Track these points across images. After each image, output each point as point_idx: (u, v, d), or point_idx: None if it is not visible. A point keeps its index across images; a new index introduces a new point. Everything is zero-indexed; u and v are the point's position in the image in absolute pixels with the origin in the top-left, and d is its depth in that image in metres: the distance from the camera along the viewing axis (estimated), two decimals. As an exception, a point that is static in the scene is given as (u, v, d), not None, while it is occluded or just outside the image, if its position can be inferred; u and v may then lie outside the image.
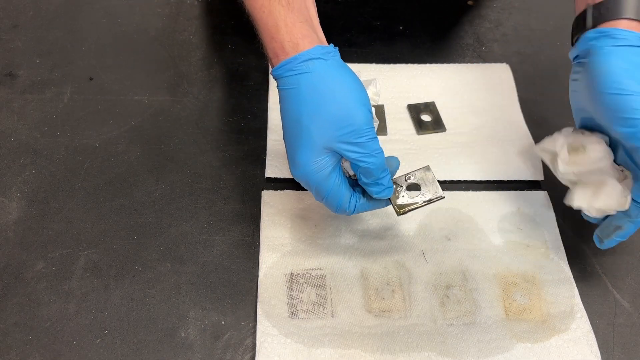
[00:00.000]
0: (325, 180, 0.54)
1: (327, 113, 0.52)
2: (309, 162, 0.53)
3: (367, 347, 0.55)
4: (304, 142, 0.52)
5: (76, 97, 0.75)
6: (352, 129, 0.52)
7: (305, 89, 0.52)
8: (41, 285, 0.59)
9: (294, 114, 0.53)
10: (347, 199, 0.55)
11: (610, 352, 0.57)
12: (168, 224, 0.64)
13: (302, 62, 0.52)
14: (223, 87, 0.77)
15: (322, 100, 0.52)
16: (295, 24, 0.53)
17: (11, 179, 0.67)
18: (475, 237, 0.64)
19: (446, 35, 0.86)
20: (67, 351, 0.55)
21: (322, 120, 0.52)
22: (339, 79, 0.53)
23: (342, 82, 0.53)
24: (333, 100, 0.52)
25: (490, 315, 0.58)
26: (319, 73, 0.52)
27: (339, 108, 0.52)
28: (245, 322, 0.57)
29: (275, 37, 0.54)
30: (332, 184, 0.54)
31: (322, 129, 0.52)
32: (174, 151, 0.70)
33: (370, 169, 0.53)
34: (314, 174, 0.53)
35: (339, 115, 0.52)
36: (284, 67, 0.53)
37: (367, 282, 0.60)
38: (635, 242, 0.64)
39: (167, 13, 0.87)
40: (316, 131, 0.52)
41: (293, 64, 0.52)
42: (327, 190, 0.54)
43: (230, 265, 0.61)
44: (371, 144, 0.53)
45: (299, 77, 0.52)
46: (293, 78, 0.53)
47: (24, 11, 0.86)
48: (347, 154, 0.53)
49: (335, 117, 0.52)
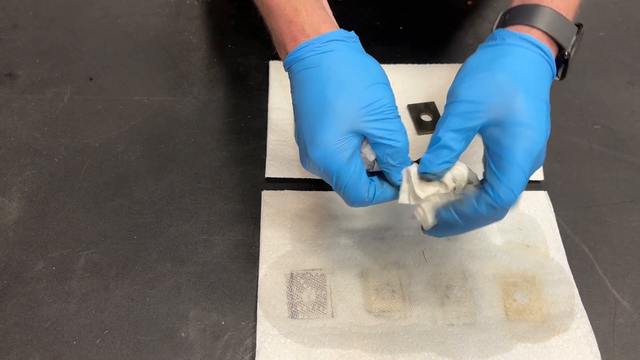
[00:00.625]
0: (347, 165, 0.51)
1: (352, 90, 0.51)
2: (332, 141, 0.51)
3: (367, 347, 0.55)
4: (328, 119, 0.51)
5: (76, 97, 0.75)
6: (379, 105, 0.51)
7: (328, 67, 0.52)
8: (41, 285, 0.59)
9: (317, 93, 0.52)
10: (367, 186, 0.53)
11: (610, 352, 0.57)
12: (168, 224, 0.64)
13: (325, 42, 0.52)
14: (223, 87, 0.77)
15: (347, 77, 0.52)
16: (315, 10, 0.54)
17: (11, 179, 0.67)
18: (475, 237, 0.64)
19: (446, 35, 0.86)
20: (67, 351, 0.55)
21: (348, 97, 0.51)
22: (362, 59, 0.54)
23: (366, 63, 0.53)
24: (358, 78, 0.52)
25: (490, 316, 0.58)
26: (342, 53, 0.53)
27: (365, 85, 0.52)
28: (245, 322, 0.57)
29: (295, 21, 0.54)
30: (353, 169, 0.52)
31: (348, 105, 0.51)
32: (174, 151, 0.70)
33: (399, 148, 0.52)
34: (336, 156, 0.51)
35: (365, 92, 0.51)
36: (306, 49, 0.53)
37: (367, 282, 0.60)
38: (635, 242, 0.65)
39: (167, 13, 0.87)
40: (342, 107, 0.51)
41: (316, 45, 0.53)
42: (348, 175, 0.51)
43: (230, 265, 0.61)
44: (398, 121, 0.52)
45: (321, 56, 0.52)
46: (315, 57, 0.52)
47: (24, 11, 0.86)
48: (374, 132, 0.51)
49: (362, 94, 0.51)
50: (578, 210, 0.67)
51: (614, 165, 0.71)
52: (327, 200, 0.66)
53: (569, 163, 0.71)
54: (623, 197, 0.68)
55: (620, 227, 0.66)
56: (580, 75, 0.81)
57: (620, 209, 0.67)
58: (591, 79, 0.81)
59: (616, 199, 0.68)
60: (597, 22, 0.89)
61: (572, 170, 0.70)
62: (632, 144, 0.73)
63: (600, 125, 0.75)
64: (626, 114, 0.77)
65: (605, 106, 0.77)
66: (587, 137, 0.74)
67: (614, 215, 0.67)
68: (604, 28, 0.88)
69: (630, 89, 0.80)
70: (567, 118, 0.76)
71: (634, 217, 0.66)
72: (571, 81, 0.80)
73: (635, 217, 0.66)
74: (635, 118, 0.76)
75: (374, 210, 0.65)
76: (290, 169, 0.68)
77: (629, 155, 0.72)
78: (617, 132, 0.74)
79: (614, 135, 0.74)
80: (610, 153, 0.72)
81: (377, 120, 0.51)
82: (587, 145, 0.73)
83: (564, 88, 0.79)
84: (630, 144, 0.73)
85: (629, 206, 0.67)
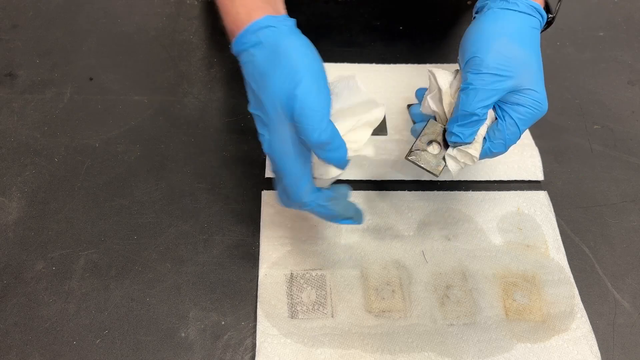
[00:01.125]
0: (292, 148, 0.50)
1: (272, 85, 0.49)
2: (270, 134, 0.50)
3: (367, 347, 0.55)
4: (263, 113, 0.50)
5: (76, 97, 0.75)
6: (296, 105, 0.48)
7: (259, 59, 0.50)
8: (41, 285, 0.59)
9: (250, 88, 0.51)
10: (306, 177, 0.51)
11: (610, 352, 0.57)
12: (168, 224, 0.64)
13: (253, 32, 0.51)
14: (223, 87, 0.77)
15: (268, 70, 0.50)
16: None
17: (11, 179, 0.67)
18: (475, 237, 0.64)
19: (446, 35, 0.86)
20: (67, 351, 0.55)
21: (269, 94, 0.49)
22: (290, 45, 0.50)
23: (291, 48, 0.50)
24: (279, 70, 0.49)
25: (490, 316, 0.58)
26: (269, 42, 0.50)
27: (283, 79, 0.49)
28: (245, 322, 0.57)
29: (230, 11, 0.52)
30: (296, 156, 0.50)
31: (271, 102, 0.49)
32: (174, 151, 0.70)
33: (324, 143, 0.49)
34: (275, 146, 0.50)
35: (283, 88, 0.49)
36: (238, 42, 0.51)
37: (367, 282, 0.60)
38: (635, 242, 0.65)
39: (167, 13, 0.87)
40: (268, 104, 0.49)
41: (245, 37, 0.51)
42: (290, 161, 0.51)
43: (230, 265, 0.61)
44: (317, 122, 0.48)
45: (253, 49, 0.51)
46: (248, 53, 0.51)
47: (24, 11, 0.86)
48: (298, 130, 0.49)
49: (280, 90, 0.49)
50: (578, 210, 0.67)
51: (614, 165, 0.71)
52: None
53: (569, 163, 0.71)
54: (623, 197, 0.68)
55: (620, 227, 0.66)
56: (580, 75, 0.81)
57: (620, 209, 0.67)
58: (591, 79, 0.81)
59: (616, 199, 0.68)
60: (597, 22, 0.89)
61: (572, 170, 0.71)
62: (632, 144, 0.73)
63: (600, 125, 0.75)
64: (626, 114, 0.77)
65: (605, 106, 0.77)
66: (587, 137, 0.74)
67: (614, 215, 0.67)
68: (604, 28, 0.88)
69: (630, 89, 0.80)
70: (567, 118, 0.76)
71: (634, 217, 0.67)
72: (571, 81, 0.80)
73: (635, 217, 0.66)
74: (635, 118, 0.76)
75: (374, 211, 0.65)
76: (290, 169, 0.68)
77: (629, 155, 0.72)
78: (617, 132, 0.74)
79: (614, 135, 0.74)
80: (610, 153, 0.72)
81: (298, 122, 0.49)
82: (587, 145, 0.73)
83: (564, 88, 0.79)
84: (630, 144, 0.73)
85: (629, 206, 0.67)
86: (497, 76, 0.53)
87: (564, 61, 0.83)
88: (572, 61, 0.83)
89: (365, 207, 0.65)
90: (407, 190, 0.67)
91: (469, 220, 0.65)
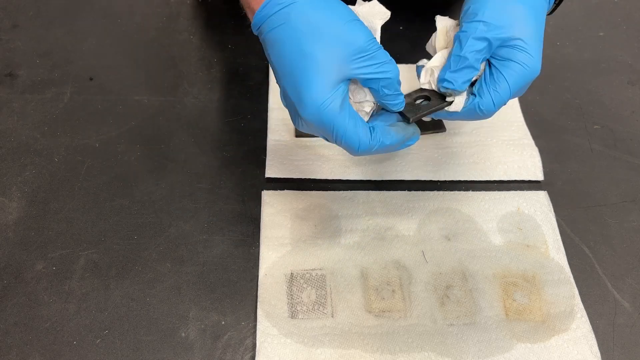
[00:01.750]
0: (340, 113, 0.50)
1: (329, 37, 0.50)
2: (319, 96, 0.50)
3: (367, 347, 0.55)
4: (313, 74, 0.50)
5: (76, 97, 0.75)
6: (357, 45, 0.50)
7: (296, 18, 0.50)
8: (41, 285, 0.59)
9: (294, 49, 0.51)
10: (366, 130, 0.52)
11: (610, 352, 0.57)
12: (168, 224, 0.64)
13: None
14: (223, 87, 0.77)
15: (318, 24, 0.50)
16: None
17: (11, 179, 0.67)
18: (475, 237, 0.64)
19: (446, 35, 0.86)
20: (67, 351, 0.55)
21: (326, 46, 0.50)
22: (326, 2, 0.52)
23: (332, 4, 0.52)
24: (331, 24, 0.50)
25: (490, 316, 0.58)
26: (305, 1, 0.51)
27: (340, 29, 0.50)
28: (245, 322, 0.57)
29: None
30: (348, 115, 0.51)
31: (330, 54, 0.50)
32: (174, 151, 0.70)
33: (391, 78, 0.52)
34: (327, 107, 0.50)
35: (342, 36, 0.50)
36: (269, 4, 0.51)
37: (367, 282, 0.60)
38: (635, 242, 0.65)
39: (167, 13, 0.87)
40: (324, 58, 0.50)
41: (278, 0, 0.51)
42: (345, 123, 0.51)
43: (230, 265, 0.61)
44: (382, 53, 0.52)
45: (287, 9, 0.51)
46: (281, 13, 0.51)
47: (24, 11, 0.86)
48: (361, 71, 0.51)
49: (339, 39, 0.50)
50: (578, 210, 0.67)
51: (614, 165, 0.71)
52: (327, 200, 0.66)
53: (569, 163, 0.71)
54: (623, 197, 0.68)
55: (620, 227, 0.66)
56: (580, 75, 0.81)
57: (620, 209, 0.67)
58: (591, 79, 0.81)
59: (616, 199, 0.68)
60: (597, 22, 0.89)
61: (572, 170, 0.71)
62: (632, 144, 0.73)
63: (600, 125, 0.75)
64: (626, 114, 0.77)
65: (605, 106, 0.77)
66: (587, 137, 0.74)
67: (613, 215, 0.67)
68: (604, 28, 0.88)
69: (630, 89, 0.80)
70: (567, 118, 0.76)
71: (634, 217, 0.67)
72: (571, 81, 0.80)
73: (635, 217, 0.66)
74: (635, 118, 0.76)
75: (374, 211, 0.65)
76: (290, 169, 0.68)
77: (629, 155, 0.72)
78: (617, 132, 0.74)
79: (614, 135, 0.74)
80: (610, 153, 0.72)
81: (362, 60, 0.51)
82: (587, 145, 0.73)
83: (564, 88, 0.79)
84: (630, 144, 0.73)
85: (628, 206, 0.67)
86: (491, 25, 0.53)
87: (564, 61, 0.83)
88: (572, 61, 0.83)
89: (365, 207, 0.65)
90: (407, 190, 0.67)
91: (469, 220, 0.65)
